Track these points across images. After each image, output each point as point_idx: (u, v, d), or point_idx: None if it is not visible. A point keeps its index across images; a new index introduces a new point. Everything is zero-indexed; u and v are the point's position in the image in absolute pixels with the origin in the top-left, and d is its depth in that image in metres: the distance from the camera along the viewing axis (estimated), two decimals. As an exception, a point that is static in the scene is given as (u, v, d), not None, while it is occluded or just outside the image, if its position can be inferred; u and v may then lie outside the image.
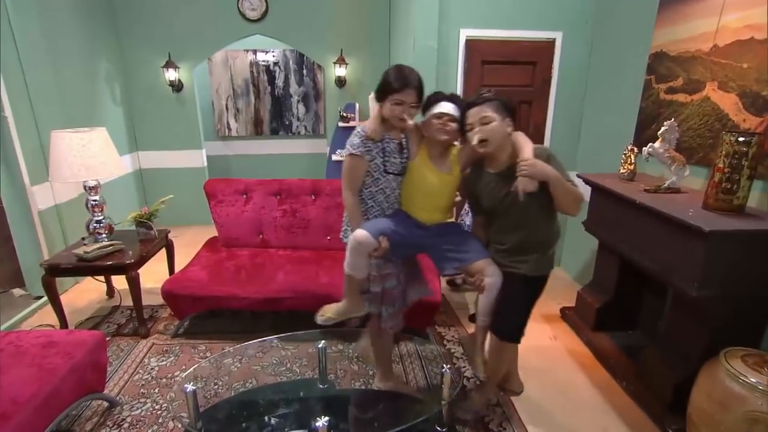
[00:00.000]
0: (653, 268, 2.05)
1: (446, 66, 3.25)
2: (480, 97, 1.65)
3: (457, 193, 1.90)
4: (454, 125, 1.72)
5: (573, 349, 2.63)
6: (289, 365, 2.40)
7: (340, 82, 4.56)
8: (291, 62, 5.33)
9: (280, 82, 5.39)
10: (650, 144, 2.22)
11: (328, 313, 1.87)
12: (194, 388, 1.60)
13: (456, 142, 1.84)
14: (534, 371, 2.40)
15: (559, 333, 2.80)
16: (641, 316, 2.67)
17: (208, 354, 2.51)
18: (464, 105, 1.71)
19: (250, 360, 2.41)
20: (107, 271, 2.79)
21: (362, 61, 4.54)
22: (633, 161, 2.49)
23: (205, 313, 2.80)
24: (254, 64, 5.33)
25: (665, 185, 2.20)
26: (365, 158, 1.75)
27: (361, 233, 1.71)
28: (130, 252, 2.70)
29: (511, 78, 3.29)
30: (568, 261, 3.68)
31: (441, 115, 1.70)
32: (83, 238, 2.85)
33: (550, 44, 3.26)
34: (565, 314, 2.95)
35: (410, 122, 1.73)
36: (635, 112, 2.74)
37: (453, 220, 1.96)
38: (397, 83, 1.68)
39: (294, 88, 5.42)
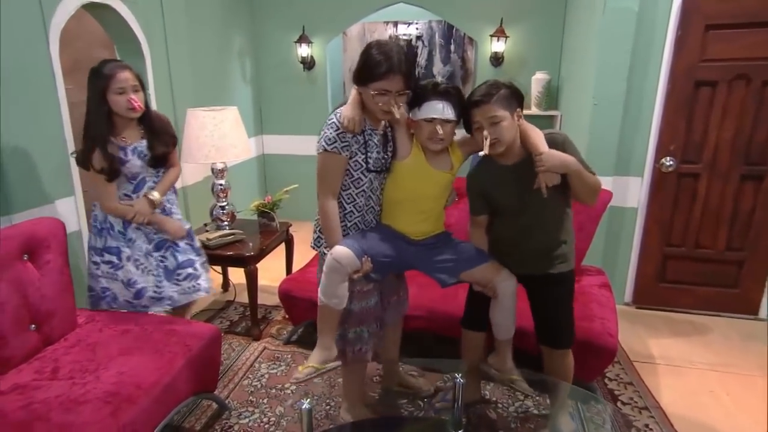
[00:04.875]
0: None
1: (649, 35, 2.96)
2: (487, 95, 1.71)
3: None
4: (448, 129, 1.75)
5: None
6: (412, 397, 2.40)
7: (497, 59, 4.47)
8: (437, 36, 5.43)
9: (422, 59, 5.53)
10: None
11: (309, 363, 1.87)
12: (311, 406, 1.68)
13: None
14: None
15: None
16: None
17: (321, 369, 2.65)
18: (459, 98, 1.77)
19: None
20: (226, 262, 3.14)
21: (527, 33, 4.39)
22: None
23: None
24: (394, 39, 5.56)
25: None
26: (343, 155, 1.74)
27: (341, 250, 1.73)
28: (251, 244, 2.99)
29: (755, 48, 2.84)
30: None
31: (430, 119, 1.73)
32: (205, 224, 3.26)
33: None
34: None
35: (397, 114, 1.73)
36: None
37: (444, 229, 2.00)
38: (381, 68, 1.65)
39: (438, 67, 5.51)
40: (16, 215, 2.28)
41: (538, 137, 1.76)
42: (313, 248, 1.99)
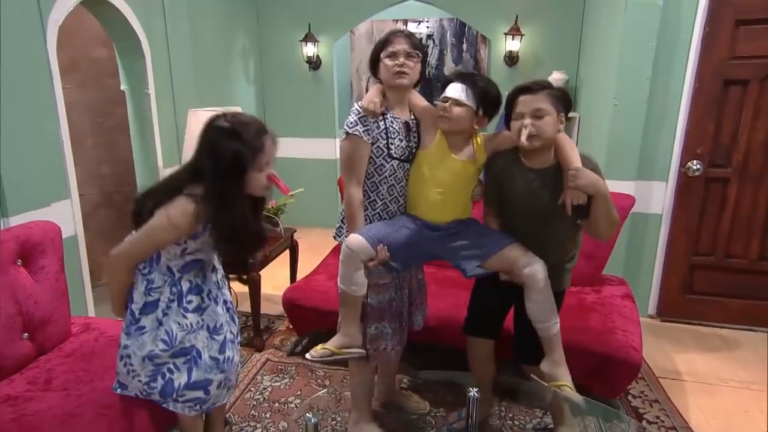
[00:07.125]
0: None
1: (674, 31, 2.96)
2: (537, 84, 1.74)
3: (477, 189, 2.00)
4: (458, 111, 1.80)
5: None
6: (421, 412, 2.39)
7: (511, 59, 4.48)
8: (448, 34, 5.45)
9: (432, 59, 5.54)
10: None
11: (328, 344, 1.94)
12: (317, 420, 1.67)
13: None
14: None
15: None
16: None
17: (327, 382, 2.64)
18: (484, 85, 1.83)
19: (375, 397, 2.45)
20: (228, 269, 3.13)
21: (543, 31, 4.40)
22: None
23: (327, 333, 2.95)
24: (403, 37, 5.59)
25: None
26: (365, 139, 1.85)
27: (354, 238, 1.80)
28: (253, 250, 2.98)
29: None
30: None
31: (445, 99, 1.82)
32: (207, 230, 3.25)
33: None
34: None
35: (406, 82, 1.86)
36: None
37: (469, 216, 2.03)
38: (384, 37, 1.90)
39: (450, 67, 5.51)
40: (11, 218, 2.30)
41: (573, 152, 1.76)
42: (334, 238, 2.09)
